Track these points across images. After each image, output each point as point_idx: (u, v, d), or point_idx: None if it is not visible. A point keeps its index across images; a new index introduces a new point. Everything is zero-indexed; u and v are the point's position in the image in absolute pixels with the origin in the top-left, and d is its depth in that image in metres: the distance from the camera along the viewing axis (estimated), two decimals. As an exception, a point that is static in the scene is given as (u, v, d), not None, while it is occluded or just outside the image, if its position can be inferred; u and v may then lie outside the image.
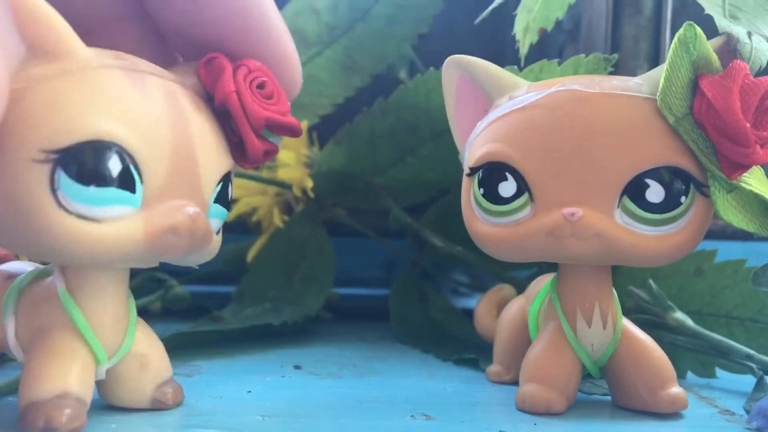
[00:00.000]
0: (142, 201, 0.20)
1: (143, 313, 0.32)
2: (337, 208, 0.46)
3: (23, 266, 0.25)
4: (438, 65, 0.28)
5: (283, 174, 0.43)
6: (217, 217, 0.23)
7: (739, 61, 0.23)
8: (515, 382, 0.29)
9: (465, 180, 0.26)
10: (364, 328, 0.45)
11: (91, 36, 0.21)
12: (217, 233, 0.24)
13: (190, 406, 0.25)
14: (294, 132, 0.25)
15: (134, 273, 0.24)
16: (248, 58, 0.24)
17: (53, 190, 0.19)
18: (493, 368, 0.32)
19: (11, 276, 0.24)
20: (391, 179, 0.42)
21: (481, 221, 0.26)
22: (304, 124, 0.43)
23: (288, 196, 0.46)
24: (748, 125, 0.22)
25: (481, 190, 0.25)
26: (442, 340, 0.40)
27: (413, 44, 0.46)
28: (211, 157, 0.23)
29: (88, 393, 0.22)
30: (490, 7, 0.30)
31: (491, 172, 0.25)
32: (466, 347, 0.37)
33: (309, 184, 0.42)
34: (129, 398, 0.24)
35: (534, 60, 0.32)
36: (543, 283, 0.30)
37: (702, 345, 0.32)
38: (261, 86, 0.24)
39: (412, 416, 0.25)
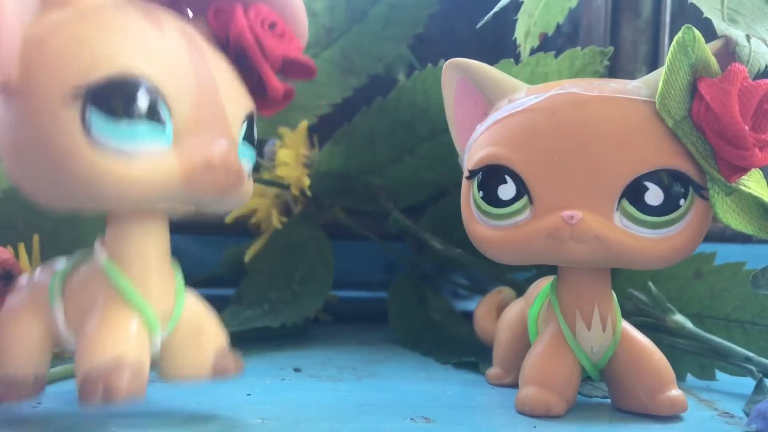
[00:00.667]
0: (173, 136, 0.20)
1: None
2: (335, 209, 0.46)
3: (64, 261, 0.24)
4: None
5: (282, 172, 0.43)
6: (246, 157, 0.23)
7: (737, 64, 0.23)
8: (515, 385, 0.29)
9: (464, 183, 0.26)
10: (364, 331, 0.45)
11: None
12: (248, 177, 0.23)
13: (190, 409, 0.25)
14: (309, 71, 0.25)
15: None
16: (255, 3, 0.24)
17: (86, 128, 0.19)
18: (493, 371, 0.32)
19: (52, 269, 0.24)
20: (389, 179, 0.42)
21: (480, 224, 0.26)
22: (303, 125, 0.43)
23: (287, 197, 0.46)
24: (746, 128, 0.22)
25: (481, 192, 0.25)
26: (442, 342, 0.40)
27: (413, 47, 0.46)
28: (233, 94, 0.22)
29: (145, 359, 0.21)
30: (492, 12, 0.30)
31: (490, 175, 0.25)
32: (465, 350, 0.37)
33: (306, 182, 0.42)
34: (190, 369, 0.23)
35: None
36: (542, 285, 0.30)
37: (701, 348, 0.32)
38: (273, 26, 0.24)
39: (411, 419, 0.25)
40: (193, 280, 0.49)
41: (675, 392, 0.26)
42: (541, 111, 0.25)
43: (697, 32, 0.23)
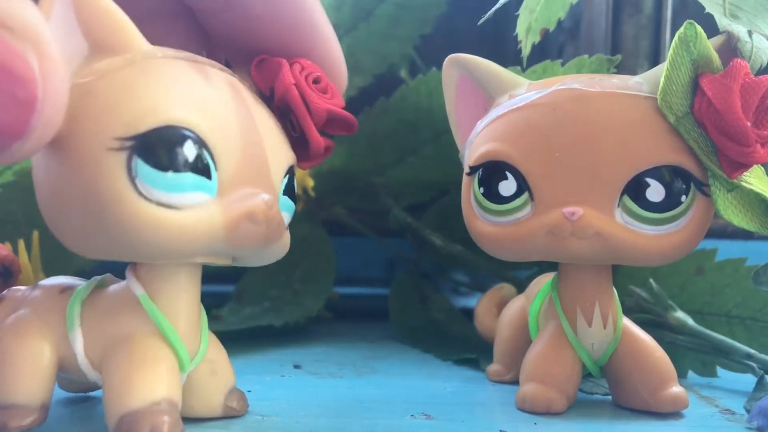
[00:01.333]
0: (217, 188, 0.20)
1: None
2: (336, 207, 0.46)
3: (73, 281, 0.24)
4: (439, 65, 0.28)
5: None
6: (286, 211, 0.23)
7: (739, 59, 0.23)
8: (515, 382, 0.29)
9: (465, 179, 0.26)
10: (364, 328, 0.45)
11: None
12: (287, 228, 0.23)
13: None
14: (351, 127, 0.25)
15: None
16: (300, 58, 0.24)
17: (131, 178, 0.19)
18: (494, 368, 0.32)
19: (65, 290, 0.23)
20: (391, 179, 0.42)
21: (481, 220, 0.26)
22: None
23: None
24: (748, 124, 0.22)
25: (481, 189, 0.25)
26: (442, 340, 0.40)
27: (415, 44, 0.46)
28: (276, 148, 0.22)
29: (179, 398, 0.21)
30: (493, 9, 0.30)
31: (491, 171, 0.25)
32: (466, 347, 0.37)
33: (310, 183, 0.42)
34: (201, 407, 0.23)
35: (534, 58, 0.32)
36: (543, 282, 0.30)
37: (703, 344, 0.31)
38: (317, 81, 0.24)
39: (412, 416, 0.25)
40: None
41: (676, 389, 0.26)
42: (542, 107, 0.25)
43: (698, 28, 0.23)
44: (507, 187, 0.25)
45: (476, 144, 0.26)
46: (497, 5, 0.30)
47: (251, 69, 0.24)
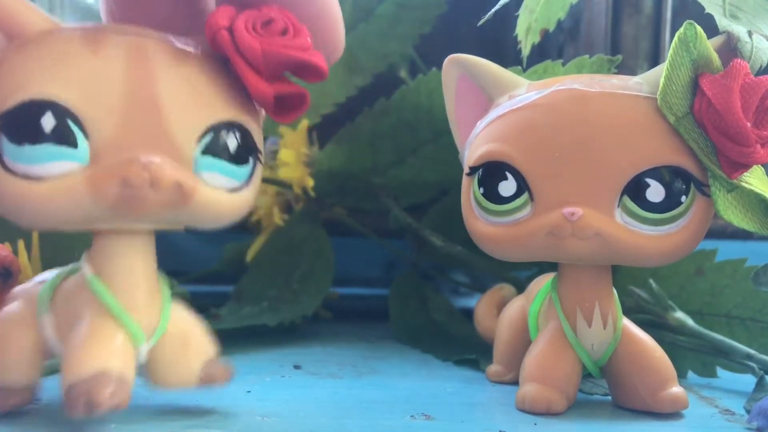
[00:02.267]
0: (89, 156, 0.20)
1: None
2: (336, 208, 0.46)
3: (54, 272, 0.25)
4: (440, 65, 0.28)
5: (283, 174, 0.43)
6: (214, 171, 0.22)
7: (739, 60, 0.23)
8: (515, 382, 0.29)
9: (465, 179, 0.26)
10: (364, 328, 0.44)
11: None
12: (235, 191, 0.23)
13: (190, 406, 0.25)
14: (318, 72, 0.23)
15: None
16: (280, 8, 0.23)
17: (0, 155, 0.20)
18: (493, 368, 0.32)
19: (44, 281, 0.24)
20: (391, 179, 0.42)
21: (481, 221, 0.26)
22: (304, 124, 0.43)
23: (288, 195, 0.46)
24: (748, 124, 0.22)
25: (481, 189, 0.25)
26: (442, 340, 0.40)
27: (414, 44, 0.46)
28: (188, 107, 0.22)
29: (129, 372, 0.21)
30: (493, 9, 0.30)
31: (491, 172, 0.25)
32: (465, 348, 0.37)
33: (310, 183, 0.42)
34: (176, 379, 0.24)
35: (534, 59, 0.32)
36: (543, 282, 0.30)
37: (703, 345, 0.31)
38: (267, 23, 0.23)
39: (411, 416, 0.25)
40: (193, 276, 0.50)
41: (676, 389, 0.26)
42: (542, 107, 0.25)
43: (698, 28, 0.23)
44: (507, 187, 0.25)
45: (476, 144, 0.26)
46: (497, 6, 0.30)
47: (205, 23, 0.23)
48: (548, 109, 0.24)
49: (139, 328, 0.22)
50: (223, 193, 0.22)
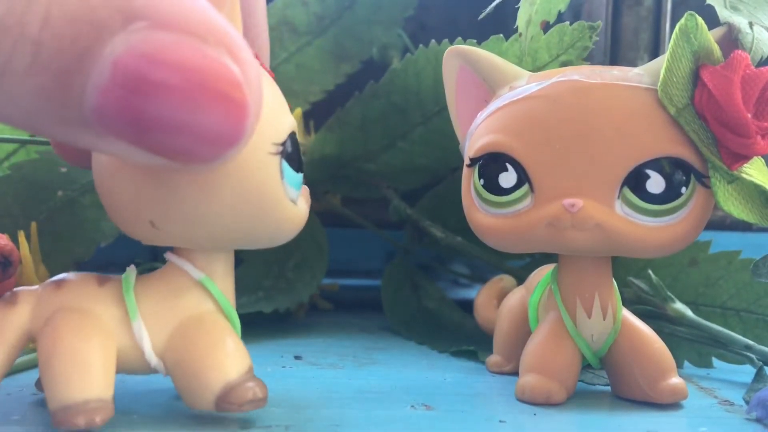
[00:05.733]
0: None
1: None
2: (328, 195, 0.46)
3: (93, 274, 0.23)
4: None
5: None
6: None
7: (740, 51, 0.23)
8: (515, 373, 0.29)
9: (465, 170, 0.26)
10: (365, 319, 0.45)
11: None
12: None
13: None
14: None
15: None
16: None
17: (282, 180, 0.21)
18: (493, 359, 0.32)
19: (103, 282, 0.22)
20: (382, 165, 0.42)
21: (481, 212, 0.26)
22: (297, 112, 0.43)
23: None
24: (749, 116, 0.22)
25: (482, 180, 0.25)
26: (436, 330, 0.40)
27: (413, 34, 0.45)
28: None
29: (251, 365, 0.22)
30: (494, 3, 0.30)
31: (491, 163, 0.25)
32: (458, 337, 0.37)
33: None
34: None
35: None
36: (543, 273, 0.30)
37: (702, 336, 0.32)
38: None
39: (412, 406, 0.25)
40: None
41: (675, 380, 0.26)
42: (542, 98, 0.25)
43: (699, 19, 0.23)
44: (507, 178, 0.25)
45: (476, 136, 0.26)
46: (497, 0, 0.30)
47: None
48: (549, 100, 0.24)
49: (240, 329, 0.23)
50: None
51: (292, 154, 0.21)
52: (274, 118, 0.21)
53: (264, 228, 0.21)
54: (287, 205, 0.21)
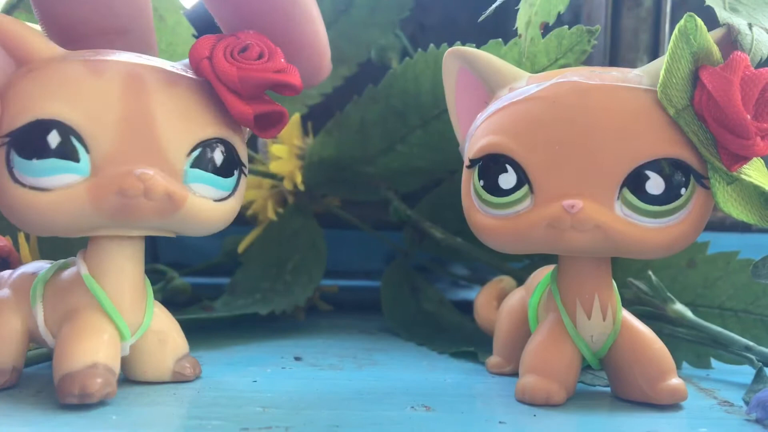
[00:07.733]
0: (90, 169, 0.23)
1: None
2: (327, 198, 0.46)
3: (45, 264, 0.27)
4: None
5: (275, 168, 0.43)
6: (200, 182, 0.24)
7: (739, 52, 0.23)
8: (515, 374, 0.29)
9: (465, 172, 0.26)
10: (364, 320, 0.45)
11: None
12: (221, 200, 0.25)
13: (190, 398, 0.25)
14: (293, 88, 0.25)
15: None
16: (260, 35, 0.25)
17: (9, 168, 0.23)
18: (493, 360, 0.32)
19: (35, 273, 0.26)
20: (381, 168, 0.42)
21: (481, 213, 0.26)
22: (295, 117, 0.43)
23: (283, 188, 0.46)
24: (748, 117, 0.22)
25: (481, 182, 0.25)
26: (435, 332, 0.40)
27: (413, 35, 0.45)
28: (179, 125, 0.24)
29: (116, 364, 0.24)
30: (494, 5, 0.30)
31: (491, 164, 0.25)
32: (459, 339, 0.37)
33: (299, 178, 0.42)
34: (152, 373, 0.27)
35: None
36: (543, 274, 0.30)
37: (702, 337, 0.32)
38: (244, 49, 0.25)
39: (412, 407, 0.25)
40: (194, 269, 0.50)
41: (675, 381, 0.26)
42: (542, 100, 0.25)
43: (699, 20, 0.23)
44: (507, 179, 0.25)
45: (476, 137, 0.26)
46: (497, 2, 0.30)
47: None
48: (548, 101, 0.24)
49: (126, 325, 0.25)
50: (210, 203, 0.25)
51: (27, 142, 0.23)
52: (8, 114, 0.23)
53: (5, 212, 0.24)
54: (12, 190, 0.23)
